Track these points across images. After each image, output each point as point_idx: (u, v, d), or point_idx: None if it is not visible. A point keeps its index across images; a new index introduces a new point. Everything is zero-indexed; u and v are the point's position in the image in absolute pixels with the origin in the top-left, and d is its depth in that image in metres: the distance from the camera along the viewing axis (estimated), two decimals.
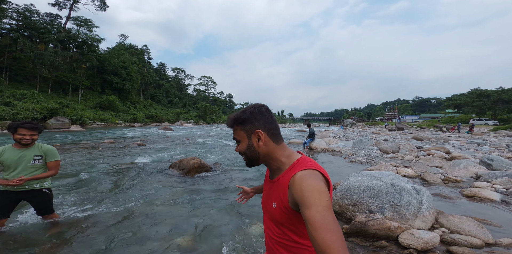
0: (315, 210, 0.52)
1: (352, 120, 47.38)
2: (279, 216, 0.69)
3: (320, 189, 0.57)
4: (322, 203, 0.53)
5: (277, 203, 0.69)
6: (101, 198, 3.41)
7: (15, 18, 30.32)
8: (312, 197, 0.55)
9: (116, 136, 14.12)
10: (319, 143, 9.63)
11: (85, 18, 39.19)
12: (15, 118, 18.19)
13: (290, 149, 0.76)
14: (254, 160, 0.74)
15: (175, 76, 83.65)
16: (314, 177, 0.61)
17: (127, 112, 39.47)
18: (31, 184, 2.10)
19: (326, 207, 0.53)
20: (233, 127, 0.75)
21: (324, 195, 0.55)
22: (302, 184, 0.59)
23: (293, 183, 0.62)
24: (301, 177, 0.61)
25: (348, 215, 2.78)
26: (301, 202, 0.56)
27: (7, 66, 27.96)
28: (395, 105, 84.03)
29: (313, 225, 0.50)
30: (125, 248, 2.12)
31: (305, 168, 0.64)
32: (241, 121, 0.73)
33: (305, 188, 0.57)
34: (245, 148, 0.74)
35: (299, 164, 0.68)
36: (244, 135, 0.73)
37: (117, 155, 7.19)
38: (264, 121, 0.73)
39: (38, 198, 2.18)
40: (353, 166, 6.02)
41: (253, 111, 0.73)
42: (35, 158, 2.10)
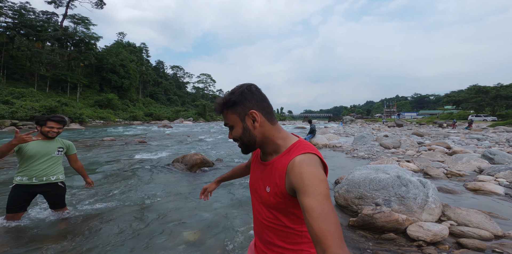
0: (314, 198, 0.51)
1: (351, 117, 47.39)
2: (273, 201, 0.66)
3: (320, 177, 0.55)
4: (322, 191, 0.52)
5: (271, 187, 0.66)
6: (107, 193, 3.40)
7: (11, 16, 29.89)
8: (312, 185, 0.53)
9: (117, 134, 14.07)
10: (320, 138, 9.63)
11: (82, 16, 38.65)
12: (14, 117, 18.08)
13: (286, 131, 0.72)
14: (250, 145, 0.69)
15: (173, 74, 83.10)
16: (314, 163, 0.59)
17: (126, 111, 39.30)
18: (49, 177, 2.16)
19: (325, 196, 0.52)
20: (223, 111, 0.69)
21: (324, 184, 0.54)
22: (302, 170, 0.56)
23: (292, 167, 0.59)
24: (301, 162, 0.58)
25: (354, 208, 2.78)
26: (300, 189, 0.55)
27: (4, 65, 27.65)
28: (394, 102, 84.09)
29: (311, 214, 0.49)
30: (134, 241, 2.12)
31: (304, 152, 0.61)
32: (231, 103, 0.66)
33: (305, 175, 0.55)
34: (240, 132, 0.67)
35: (297, 147, 0.64)
36: (237, 118, 0.67)
37: (119, 152, 7.17)
38: (256, 100, 0.67)
39: (53, 191, 2.24)
40: (355, 161, 6.03)
41: (242, 91, 0.66)
42: (58, 149, 2.22)
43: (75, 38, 36.63)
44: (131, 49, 56.16)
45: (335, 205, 3.14)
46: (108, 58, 40.54)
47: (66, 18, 38.37)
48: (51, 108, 20.69)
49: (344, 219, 2.70)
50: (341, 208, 2.99)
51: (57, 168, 2.26)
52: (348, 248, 2.05)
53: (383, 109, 77.93)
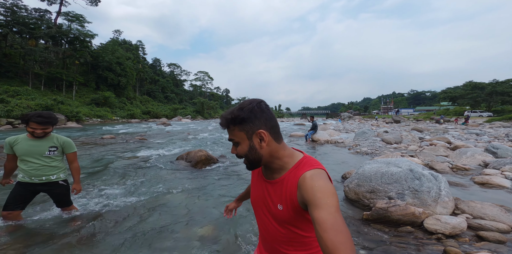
0: (326, 211, 0.52)
1: (349, 114, 47.62)
2: (287, 217, 0.67)
3: (331, 190, 0.57)
4: (333, 204, 0.53)
5: (284, 204, 0.67)
6: (114, 191, 3.35)
7: (3, 14, 29.06)
8: (324, 198, 0.54)
9: (115, 132, 13.90)
10: (321, 135, 9.65)
11: (77, 13, 37.77)
12: (10, 116, 17.72)
13: (290, 148, 0.72)
14: (256, 162, 0.68)
15: (171, 72, 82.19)
16: (324, 177, 0.60)
17: (124, 109, 38.86)
18: (48, 176, 2.07)
19: (337, 208, 0.53)
20: (229, 127, 0.66)
21: (334, 197, 0.55)
22: (313, 184, 0.58)
23: (303, 182, 0.60)
24: (312, 177, 0.60)
25: (365, 202, 2.78)
26: (311, 202, 0.56)
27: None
28: (391, 98, 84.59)
29: (322, 226, 0.50)
30: (148, 239, 2.08)
31: (313, 168, 0.63)
32: (240, 120, 0.64)
33: (317, 189, 0.57)
34: (246, 150, 0.66)
35: (305, 163, 0.66)
36: (244, 136, 0.65)
37: (121, 150, 7.08)
38: (265, 119, 0.65)
39: (55, 190, 2.16)
40: (358, 156, 6.05)
41: (252, 108, 0.64)
42: (50, 149, 2.04)
43: (70, 35, 35.89)
44: (127, 47, 55.30)
45: (345, 199, 3.15)
46: (104, 56, 39.84)
47: (60, 15, 37.48)
48: (47, 106, 20.34)
49: (356, 213, 2.70)
50: (352, 202, 2.99)
51: (55, 167, 2.11)
52: (364, 241, 2.07)
53: (380, 105, 78.37)
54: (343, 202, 3.06)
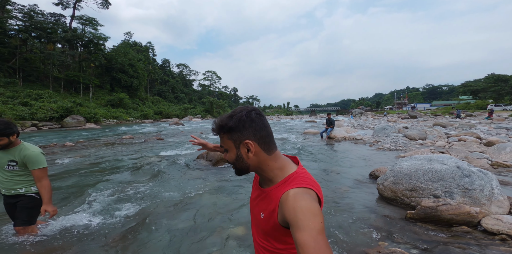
0: (308, 234, 0.50)
1: (360, 110, 46.29)
2: (265, 226, 0.67)
3: (314, 211, 0.53)
4: (315, 226, 0.51)
5: (265, 215, 0.66)
6: (140, 191, 3.42)
7: (21, 19, 30.48)
8: (306, 220, 0.52)
9: (133, 132, 14.33)
10: (338, 131, 9.42)
11: (89, 17, 38.98)
12: (34, 118, 18.72)
13: (284, 158, 0.68)
14: (243, 170, 0.68)
15: (179, 72, 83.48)
16: (308, 197, 0.57)
17: (137, 109, 39.99)
18: (16, 188, 1.82)
19: (319, 231, 0.51)
20: (219, 134, 0.66)
21: (318, 218, 0.52)
22: (295, 205, 0.55)
23: (285, 201, 0.58)
24: (295, 196, 0.57)
25: (405, 201, 2.65)
26: (293, 223, 0.53)
27: (19, 67, 28.51)
28: (405, 93, 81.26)
29: (305, 249, 0.48)
30: (185, 238, 2.09)
31: (299, 186, 0.59)
32: (227, 129, 0.63)
33: (299, 209, 0.54)
34: (234, 158, 0.66)
35: (293, 179, 0.62)
36: (232, 144, 0.65)
37: (141, 149, 7.27)
38: (254, 129, 0.63)
39: (21, 202, 1.85)
40: (382, 153, 5.84)
41: (240, 117, 0.63)
42: (9, 163, 1.76)
43: (84, 39, 37.09)
44: (138, 49, 56.60)
45: (379, 197, 3.03)
46: (117, 58, 41.03)
47: (74, 19, 38.80)
48: (67, 108, 21.26)
49: (394, 212, 2.59)
50: (388, 200, 2.88)
51: (21, 180, 1.83)
52: (414, 241, 1.97)
53: (393, 101, 75.58)
54: (377, 200, 2.95)
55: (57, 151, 6.85)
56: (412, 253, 1.74)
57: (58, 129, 18.74)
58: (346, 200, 2.96)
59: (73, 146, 8.02)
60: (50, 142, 8.99)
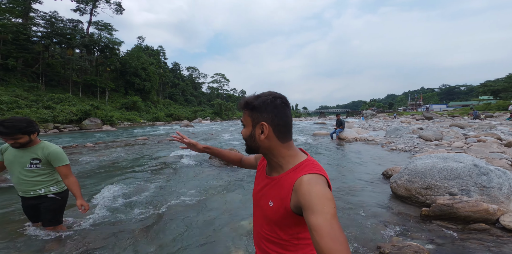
0: (323, 217, 0.51)
1: (372, 112, 45.16)
2: (274, 216, 0.67)
3: (328, 196, 0.55)
4: (330, 210, 0.52)
5: (275, 202, 0.66)
6: (159, 188, 3.59)
7: (43, 26, 32.18)
8: (321, 204, 0.53)
9: (146, 134, 14.85)
10: (349, 132, 9.31)
11: (105, 22, 40.80)
12: (56, 121, 19.86)
13: (296, 148, 0.71)
14: (253, 149, 0.70)
15: (189, 75, 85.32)
16: (322, 183, 0.59)
17: (149, 112, 41.27)
18: (35, 190, 1.79)
19: (333, 215, 0.52)
20: (243, 109, 0.70)
21: (332, 203, 0.54)
22: (310, 189, 0.57)
23: (299, 186, 0.59)
24: (309, 181, 0.59)
25: (420, 199, 2.64)
26: (307, 208, 0.55)
27: (42, 72, 30.40)
28: (419, 94, 78.34)
29: (319, 232, 0.49)
30: (199, 231, 2.18)
31: (312, 172, 0.61)
32: (251, 107, 0.67)
33: (314, 194, 0.56)
34: (248, 135, 0.69)
35: (305, 166, 0.64)
36: (250, 122, 0.68)
37: (155, 150, 7.56)
38: (274, 115, 0.65)
39: (44, 205, 1.85)
40: (395, 154, 5.74)
41: (265, 101, 0.65)
42: (31, 161, 1.73)
43: (100, 44, 38.63)
44: (149, 53, 58.47)
45: (392, 196, 3.03)
46: (130, 62, 42.61)
47: (91, 25, 40.53)
48: (85, 111, 22.38)
49: (409, 209, 2.58)
50: (402, 198, 2.87)
51: (43, 180, 1.80)
52: (430, 236, 1.98)
53: (407, 102, 73.07)
54: (390, 199, 2.95)
55: (79, 151, 7.27)
56: (428, 248, 1.76)
57: (77, 131, 19.74)
58: (359, 198, 2.97)
59: (93, 146, 8.46)
60: (72, 143, 9.53)
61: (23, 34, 27.22)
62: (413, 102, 62.28)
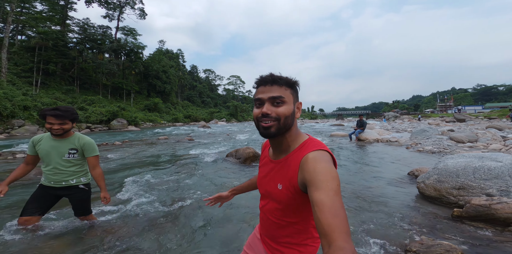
0: (325, 193, 0.51)
1: (395, 113, 42.62)
2: (284, 197, 0.66)
3: (333, 173, 0.56)
4: (333, 187, 0.53)
5: (283, 184, 0.66)
6: (179, 183, 3.75)
7: (77, 32, 35.22)
8: (325, 181, 0.54)
9: (167, 133, 15.60)
10: (369, 133, 8.94)
11: (130, 28, 43.34)
12: (88, 121, 21.70)
13: None
14: (285, 128, 0.66)
15: (206, 78, 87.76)
16: (327, 160, 0.60)
17: (169, 113, 43.21)
18: (68, 180, 1.85)
19: (336, 192, 0.52)
20: (282, 86, 0.66)
21: (336, 180, 0.54)
22: (316, 165, 0.57)
23: (305, 162, 0.60)
24: (315, 158, 0.59)
25: (451, 200, 2.48)
26: (312, 183, 0.55)
27: (77, 76, 33.43)
28: (450, 95, 72.21)
29: (320, 207, 0.49)
30: (216, 226, 2.22)
31: (317, 149, 0.62)
32: (293, 85, 0.68)
33: (319, 170, 0.56)
34: (290, 112, 0.66)
35: (310, 144, 0.65)
36: (292, 99, 0.67)
37: (175, 148, 7.92)
38: (297, 94, 0.71)
39: (76, 195, 1.91)
40: (422, 155, 5.40)
41: (296, 82, 0.69)
42: (70, 151, 1.80)
43: (126, 48, 40.98)
44: (170, 56, 61.17)
45: (419, 196, 2.87)
46: (152, 65, 44.93)
47: (118, 30, 42.75)
48: (113, 113, 24.12)
49: (438, 210, 2.44)
50: (430, 199, 2.71)
51: (76, 170, 1.87)
52: (464, 238, 1.86)
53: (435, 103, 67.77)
54: (417, 199, 2.80)
55: (109, 149, 7.87)
56: (462, 248, 1.65)
57: (106, 130, 21.30)
58: (383, 197, 2.87)
59: (121, 144, 9.11)
60: (102, 141, 10.35)
61: (61, 40, 30.07)
62: (442, 104, 57.60)
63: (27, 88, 22.58)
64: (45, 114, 1.67)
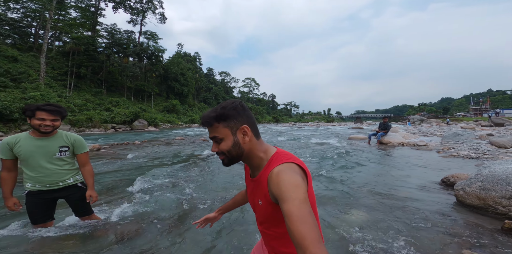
0: (291, 203, 0.53)
1: (421, 117, 39.64)
2: (265, 212, 0.70)
3: (295, 183, 0.58)
4: (298, 196, 0.55)
5: (262, 200, 0.70)
6: (193, 182, 3.73)
7: (106, 37, 37.73)
8: (288, 192, 0.56)
9: (183, 134, 16.04)
10: (392, 136, 8.32)
11: (152, 32, 45.41)
12: (113, 121, 23.14)
13: (266, 143, 0.75)
14: (236, 158, 0.71)
15: (221, 80, 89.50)
16: (289, 171, 0.61)
17: (186, 115, 44.65)
18: (65, 180, 1.73)
19: (302, 200, 0.54)
20: (213, 125, 0.69)
21: (299, 189, 0.56)
22: (278, 179, 0.60)
23: (270, 179, 0.63)
24: (278, 173, 0.62)
25: (500, 210, 2.13)
26: (279, 197, 0.58)
27: (104, 79, 36.00)
28: (485, 97, 65.62)
29: (289, 218, 0.52)
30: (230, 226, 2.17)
31: (281, 163, 0.65)
32: (225, 117, 0.68)
33: (281, 183, 0.58)
34: (230, 145, 0.69)
35: (275, 159, 0.68)
36: (229, 132, 0.69)
37: (191, 148, 8.04)
38: (247, 116, 0.71)
39: (75, 195, 1.79)
40: (457, 161, 4.84)
41: (235, 106, 0.69)
42: (60, 149, 1.67)
43: (148, 52, 43.00)
44: (187, 59, 63.27)
45: (458, 204, 2.54)
46: (171, 68, 46.84)
47: (141, 34, 45.00)
48: (136, 114, 25.42)
49: (482, 221, 2.11)
50: (472, 208, 2.37)
51: (70, 168, 1.76)
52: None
53: (468, 106, 62.01)
54: (455, 208, 2.45)
55: (129, 148, 8.22)
56: None
57: (128, 131, 22.49)
58: (415, 206, 2.58)
59: (140, 144, 9.49)
60: (124, 140, 10.90)
61: (92, 45, 32.57)
62: (477, 107, 52.59)
63: (62, 91, 24.78)
64: (35, 109, 1.52)
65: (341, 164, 4.92)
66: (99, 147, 7.54)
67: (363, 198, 2.86)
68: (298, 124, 51.43)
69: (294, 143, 9.80)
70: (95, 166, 4.88)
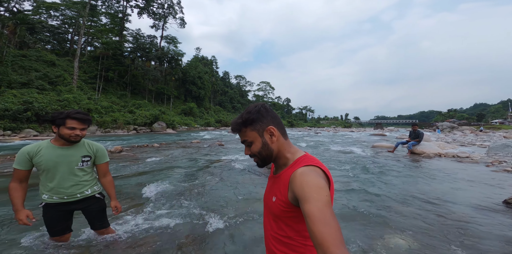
0: (314, 205, 0.54)
1: (451, 124, 36.44)
2: (277, 209, 0.70)
3: (319, 185, 0.58)
4: (321, 198, 0.55)
5: (276, 196, 0.70)
6: (208, 187, 3.56)
7: (131, 42, 39.89)
8: (312, 192, 0.56)
9: (199, 137, 16.18)
10: (427, 146, 7.50)
11: (172, 36, 47.45)
12: (135, 123, 24.23)
13: (295, 146, 0.77)
14: (268, 158, 0.74)
15: (237, 83, 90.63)
16: (314, 173, 0.62)
17: (202, 117, 45.63)
18: (83, 191, 1.63)
19: (325, 202, 0.54)
20: (241, 130, 0.74)
21: (323, 191, 0.57)
22: (302, 180, 0.60)
23: (294, 178, 0.63)
24: (302, 173, 0.62)
25: None
26: (301, 197, 0.57)
27: (129, 82, 38.11)
28: None
29: (311, 219, 0.52)
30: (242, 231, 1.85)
31: (307, 164, 0.66)
32: (250, 121, 0.72)
33: (305, 184, 0.59)
34: (260, 147, 0.72)
35: (302, 161, 0.69)
36: (256, 134, 0.72)
37: (207, 153, 7.88)
38: (271, 117, 0.73)
39: (93, 207, 1.69)
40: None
41: (259, 109, 0.73)
42: (83, 159, 1.59)
43: (168, 56, 44.59)
44: (205, 62, 64.86)
45: None
46: (189, 72, 48.29)
47: (162, 39, 46.87)
48: (156, 116, 26.46)
49: None
50: None
51: (89, 179, 1.67)
52: None
53: (506, 113, 55.92)
54: None
55: (148, 150, 8.31)
56: None
57: (148, 132, 23.33)
58: (474, 230, 2.15)
59: (159, 146, 9.61)
60: (144, 142, 11.16)
61: (119, 50, 34.78)
62: None
63: (91, 93, 26.62)
64: (65, 118, 1.44)
65: (371, 175, 4.44)
66: (121, 149, 7.69)
67: (406, 217, 2.45)
68: (313, 129, 50.05)
69: (313, 150, 9.26)
70: (116, 168, 4.89)
